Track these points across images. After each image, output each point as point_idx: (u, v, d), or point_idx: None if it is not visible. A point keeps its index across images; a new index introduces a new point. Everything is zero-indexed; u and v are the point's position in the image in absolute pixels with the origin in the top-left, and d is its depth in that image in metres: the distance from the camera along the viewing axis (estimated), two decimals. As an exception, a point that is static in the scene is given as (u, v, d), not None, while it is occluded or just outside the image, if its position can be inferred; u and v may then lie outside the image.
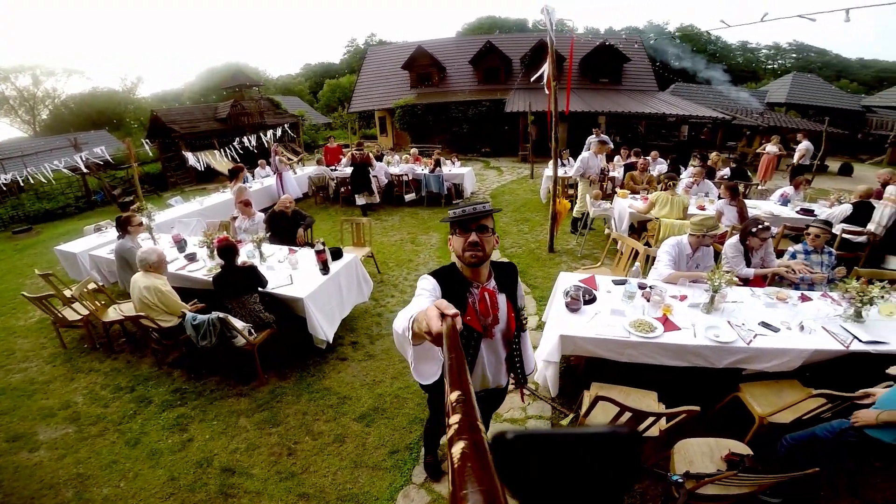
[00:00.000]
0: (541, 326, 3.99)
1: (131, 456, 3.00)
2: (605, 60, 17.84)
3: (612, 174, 8.52)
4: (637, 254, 4.36)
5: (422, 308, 1.10)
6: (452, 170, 9.71)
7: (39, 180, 9.49)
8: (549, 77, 5.54)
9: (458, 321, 0.94)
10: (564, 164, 9.71)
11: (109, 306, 4.40)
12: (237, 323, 3.32)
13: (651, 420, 2.01)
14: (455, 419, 0.42)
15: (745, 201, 6.08)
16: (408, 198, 9.41)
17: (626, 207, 6.25)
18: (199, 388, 3.61)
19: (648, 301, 3.15)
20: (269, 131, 11.63)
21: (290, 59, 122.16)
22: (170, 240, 5.19)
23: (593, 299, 3.21)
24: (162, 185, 14.60)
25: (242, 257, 4.13)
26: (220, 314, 3.19)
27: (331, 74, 43.35)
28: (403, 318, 1.29)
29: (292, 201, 5.51)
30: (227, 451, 2.97)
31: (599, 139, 7.67)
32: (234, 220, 5.84)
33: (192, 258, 4.67)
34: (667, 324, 2.89)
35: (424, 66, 19.42)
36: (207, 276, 4.16)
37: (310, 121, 27.09)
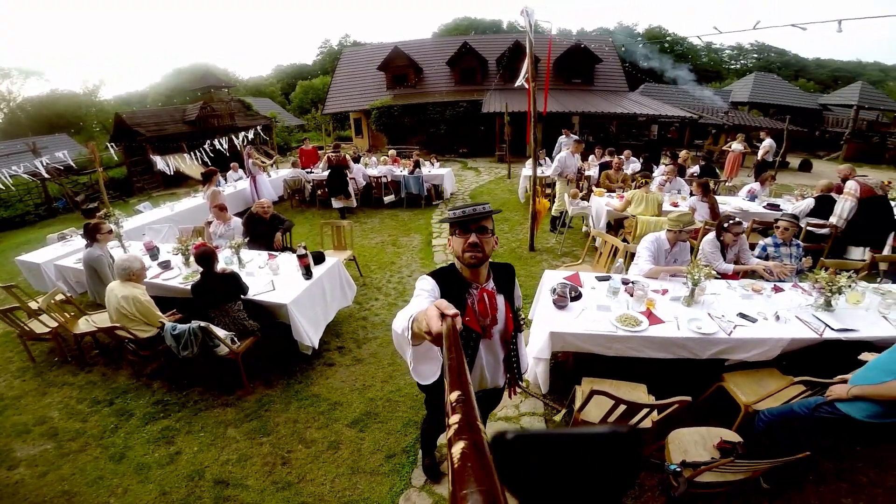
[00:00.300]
0: (527, 324, 4.03)
1: (118, 471, 2.89)
2: (578, 61, 18.18)
3: (587, 173, 8.71)
4: (616, 250, 4.46)
5: (421, 308, 1.10)
6: (432, 171, 9.71)
7: (-4, 186, 8.96)
8: (529, 77, 5.60)
9: (458, 321, 0.94)
10: (541, 163, 9.84)
11: (80, 318, 4.20)
12: (219, 332, 3.22)
13: (645, 412, 2.06)
14: (455, 419, 0.42)
15: (716, 198, 6.30)
16: (387, 200, 9.34)
17: (603, 206, 6.38)
18: (182, 400, 3.49)
19: (632, 296, 3.23)
20: (241, 133, 11.35)
21: (261, 61, 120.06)
22: (141, 247, 4.99)
23: (579, 296, 3.26)
24: (128, 190, 14.03)
25: (220, 264, 4.01)
26: (201, 323, 3.09)
27: (303, 76, 42.72)
28: (403, 319, 1.28)
29: (270, 205, 5.39)
30: (218, 463, 2.88)
31: (576, 139, 7.82)
32: (208, 226, 5.66)
33: (166, 266, 4.52)
34: (651, 317, 2.97)
35: (401, 67, 19.35)
36: (184, 285, 4.03)
37: (282, 123, 26.61)
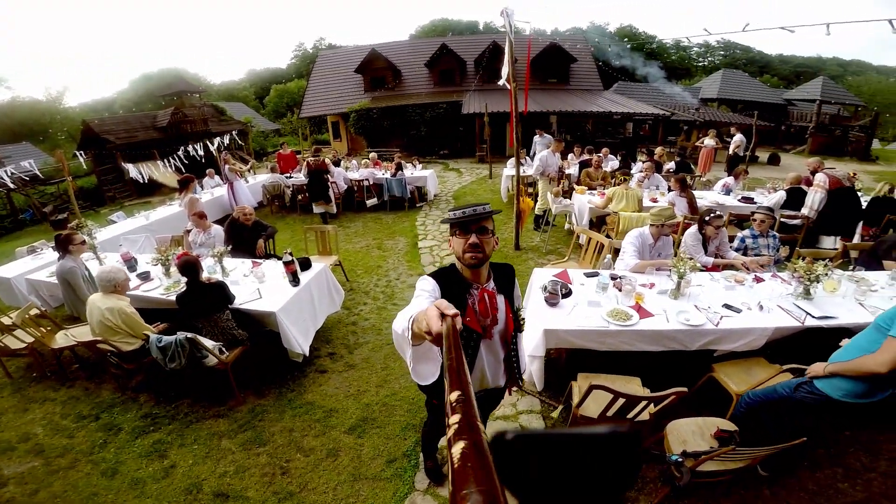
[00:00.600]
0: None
1: (112, 487, 2.80)
2: (554, 61, 18.41)
3: (567, 171, 8.82)
4: (602, 247, 4.53)
5: (421, 308, 1.11)
6: (414, 173, 9.68)
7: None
8: (510, 77, 5.64)
9: (458, 321, 0.94)
10: (523, 163, 9.92)
11: (57, 332, 4.05)
12: (207, 342, 3.13)
13: (644, 404, 2.10)
14: (455, 419, 0.42)
15: (693, 192, 6.47)
16: (369, 203, 9.26)
17: (585, 203, 6.47)
18: (172, 412, 3.40)
19: (621, 291, 3.28)
20: (215, 139, 11.09)
21: (233, 65, 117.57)
22: (118, 259, 4.82)
23: (569, 293, 3.30)
24: (99, 200, 13.56)
25: (203, 273, 3.91)
26: (187, 334, 3.00)
27: (278, 80, 42.07)
28: (403, 319, 1.28)
29: (252, 211, 5.27)
30: (215, 476, 2.81)
31: (557, 139, 7.93)
32: (187, 234, 5.50)
33: (145, 277, 4.38)
34: (641, 311, 3.03)
35: (379, 70, 19.24)
36: (165, 296, 3.92)
37: (258, 127, 26.16)
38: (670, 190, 6.72)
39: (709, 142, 12.03)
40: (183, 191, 7.36)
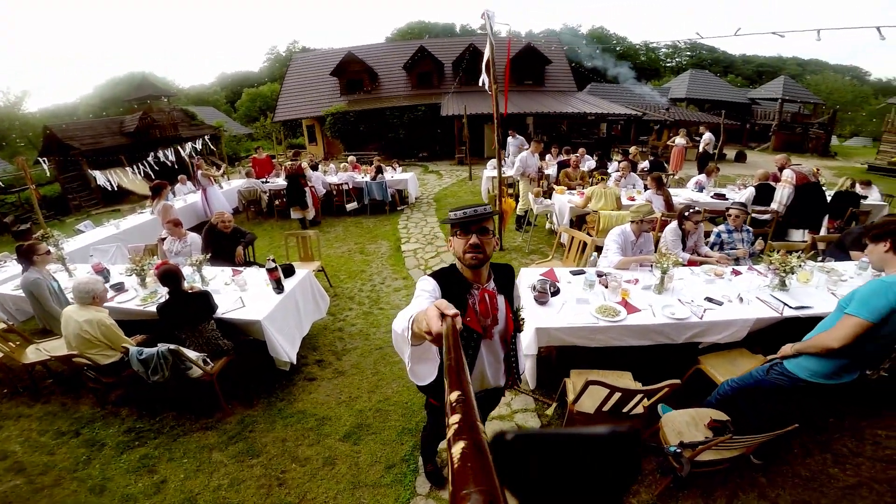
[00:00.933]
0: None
1: None
2: (529, 63, 18.64)
3: (546, 172, 8.94)
4: (584, 245, 4.61)
5: (422, 308, 1.11)
6: (395, 176, 9.62)
7: None
8: (492, 80, 5.68)
9: (458, 321, 0.94)
10: (503, 163, 10.00)
11: (27, 346, 3.85)
12: (190, 353, 3.03)
13: (639, 397, 2.14)
14: (455, 419, 0.42)
15: (668, 190, 6.65)
16: (349, 207, 9.16)
17: (565, 203, 6.57)
18: (156, 426, 3.28)
19: (607, 287, 3.34)
20: (187, 144, 10.78)
21: (203, 68, 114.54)
22: (89, 270, 4.62)
23: (557, 291, 3.34)
24: (63, 208, 12.97)
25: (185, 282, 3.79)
26: (170, 346, 2.89)
27: (249, 83, 41.30)
28: (403, 319, 1.28)
29: (231, 217, 5.13)
30: (209, 490, 2.72)
31: (536, 139, 8.04)
32: (161, 243, 5.31)
33: (119, 288, 4.21)
34: (628, 307, 3.09)
35: (355, 73, 19.07)
36: (142, 307, 3.78)
37: (230, 132, 25.57)
38: (646, 188, 6.90)
39: (680, 141, 12.41)
40: (155, 198, 7.13)
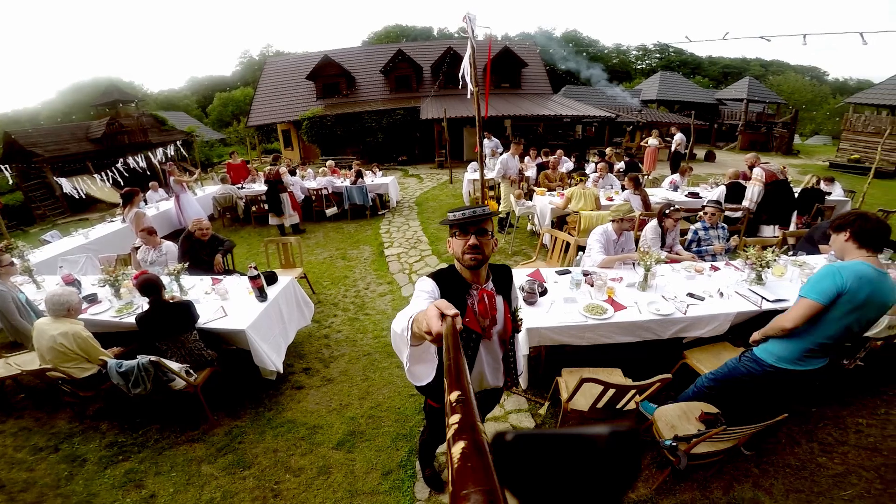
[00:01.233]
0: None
1: None
2: (506, 66, 18.84)
3: (526, 174, 9.05)
4: (568, 246, 4.68)
5: (421, 308, 1.11)
6: (375, 180, 9.56)
7: None
8: (474, 83, 5.71)
9: (459, 321, 0.94)
10: (485, 165, 10.07)
11: (-4, 361, 3.67)
12: (172, 365, 2.93)
13: (632, 393, 2.18)
14: (455, 419, 0.42)
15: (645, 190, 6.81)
16: (329, 212, 9.03)
17: (546, 204, 6.65)
18: (140, 440, 3.17)
19: (593, 286, 3.39)
20: (158, 150, 10.46)
21: (173, 73, 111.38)
22: (58, 281, 4.43)
23: (545, 291, 3.38)
24: (27, 218, 12.35)
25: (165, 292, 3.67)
26: (151, 357, 2.79)
27: (222, 87, 40.45)
28: (402, 319, 1.28)
29: (209, 224, 4.99)
30: (202, 503, 2.64)
31: (515, 141, 8.13)
32: (135, 252, 5.13)
33: (93, 300, 4.04)
34: (614, 304, 3.15)
35: (332, 76, 18.89)
36: (118, 318, 3.64)
37: (202, 137, 24.93)
38: (624, 189, 7.05)
39: (653, 141, 12.73)
40: (127, 205, 6.86)
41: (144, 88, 40.68)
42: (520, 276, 3.65)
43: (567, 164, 10.06)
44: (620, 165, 9.69)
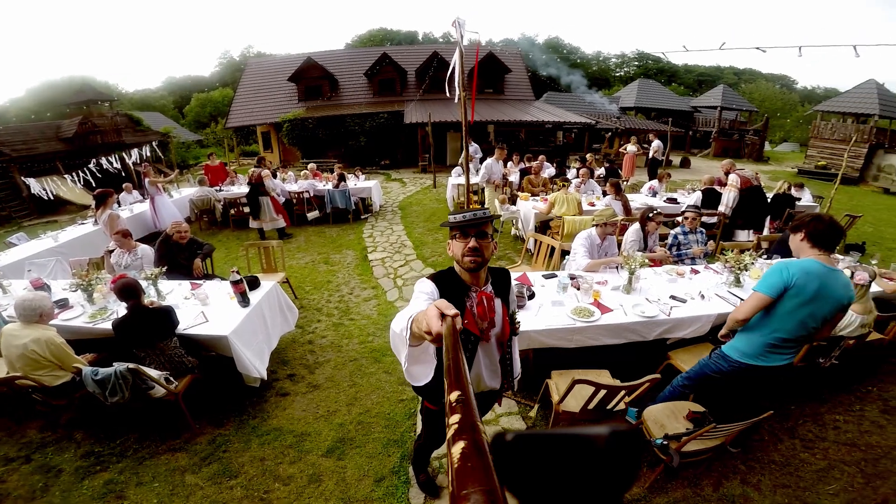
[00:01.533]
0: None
1: None
2: (490, 71, 18.97)
3: (509, 179, 9.13)
4: (553, 250, 4.75)
5: (421, 309, 1.11)
6: (358, 184, 9.49)
7: None
8: (461, 87, 5.73)
9: (458, 321, 0.95)
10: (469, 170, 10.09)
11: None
12: (151, 372, 2.83)
13: (622, 394, 2.21)
14: (455, 419, 0.43)
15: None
16: (310, 216, 8.89)
17: (530, 209, 6.72)
18: (118, 449, 3.05)
19: (579, 289, 3.44)
20: (133, 151, 10.15)
21: (149, 72, 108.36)
22: (26, 286, 4.25)
23: (533, 294, 3.41)
24: (-10, 221, 11.82)
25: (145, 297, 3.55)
26: (129, 365, 2.69)
27: (200, 88, 39.61)
28: (402, 319, 1.29)
29: (187, 227, 4.86)
30: None
31: (499, 146, 8.20)
32: (109, 255, 4.95)
33: (64, 305, 3.88)
34: (600, 307, 3.21)
35: (315, 79, 18.68)
36: (91, 324, 3.50)
37: (178, 138, 24.34)
38: (605, 194, 7.19)
39: (631, 148, 13.01)
40: (100, 207, 6.62)
41: (119, 88, 39.48)
42: (507, 280, 3.68)
43: (549, 171, 10.19)
44: (600, 171, 9.88)
